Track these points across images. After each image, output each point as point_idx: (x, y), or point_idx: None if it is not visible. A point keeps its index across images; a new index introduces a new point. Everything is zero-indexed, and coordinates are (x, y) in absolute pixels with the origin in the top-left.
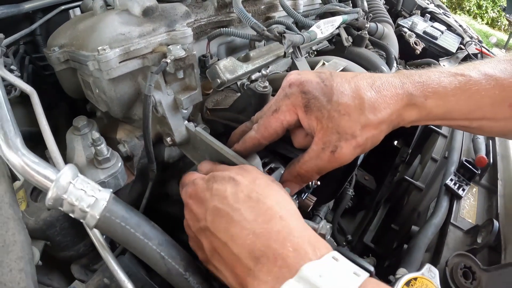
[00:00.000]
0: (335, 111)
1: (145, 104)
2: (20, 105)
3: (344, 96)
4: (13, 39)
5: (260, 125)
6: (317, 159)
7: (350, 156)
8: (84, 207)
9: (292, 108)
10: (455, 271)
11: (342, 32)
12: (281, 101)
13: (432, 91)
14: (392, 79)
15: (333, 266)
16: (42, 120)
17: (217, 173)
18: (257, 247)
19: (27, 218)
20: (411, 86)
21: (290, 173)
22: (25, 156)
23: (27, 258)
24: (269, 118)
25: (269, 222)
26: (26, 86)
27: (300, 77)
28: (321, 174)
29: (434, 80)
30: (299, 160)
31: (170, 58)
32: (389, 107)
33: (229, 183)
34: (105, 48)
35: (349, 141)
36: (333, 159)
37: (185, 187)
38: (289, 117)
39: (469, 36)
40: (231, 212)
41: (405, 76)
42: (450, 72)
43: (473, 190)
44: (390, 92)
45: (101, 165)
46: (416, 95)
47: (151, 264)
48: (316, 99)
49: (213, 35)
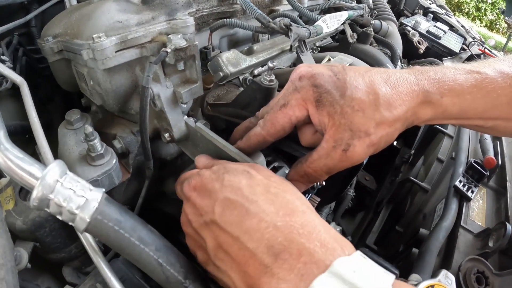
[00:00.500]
0: (348, 107)
1: (143, 97)
2: (12, 98)
3: (358, 91)
4: (6, 28)
5: (267, 121)
6: (327, 158)
7: (363, 155)
8: (72, 209)
9: (302, 103)
10: (469, 276)
11: (347, 28)
12: (290, 95)
13: (448, 88)
14: (406, 75)
15: (364, 263)
16: (31, 112)
17: (228, 165)
18: (278, 241)
19: (15, 218)
20: (426, 83)
21: (297, 172)
22: (8, 151)
23: (9, 265)
24: (277, 113)
25: (291, 215)
26: (16, 76)
27: (311, 70)
28: (330, 174)
29: (449, 77)
30: (307, 158)
31: (170, 48)
32: (404, 104)
33: (243, 175)
34: (101, 36)
35: (362, 139)
36: (345, 158)
37: (187, 180)
38: (299, 112)
39: (472, 36)
40: (246, 203)
41: (420, 73)
42: (466, 69)
43: (481, 192)
44: (406, 89)
45: (94, 161)
46: (432, 92)
47: (148, 271)
48: (328, 93)
49: (215, 26)
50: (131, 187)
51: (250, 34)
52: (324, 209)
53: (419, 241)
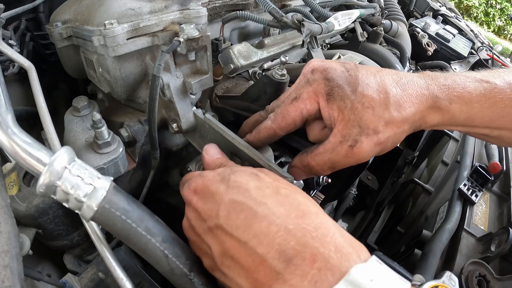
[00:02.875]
0: (359, 103)
1: (153, 86)
2: (18, 83)
3: (370, 89)
4: (15, 12)
5: (278, 114)
6: (333, 152)
7: (369, 153)
8: (80, 197)
9: (314, 96)
10: (470, 279)
11: (358, 26)
12: (302, 88)
13: (457, 95)
14: (417, 79)
15: (381, 271)
16: (39, 97)
17: (234, 167)
18: (290, 245)
19: (18, 204)
20: (436, 88)
21: (301, 161)
22: (15, 135)
23: (13, 252)
24: (288, 106)
25: (303, 217)
26: (24, 60)
27: (324, 64)
28: (333, 170)
29: (459, 84)
30: (313, 150)
31: (183, 37)
32: (413, 106)
33: (251, 177)
34: (113, 23)
35: (370, 137)
36: (351, 154)
37: (187, 182)
38: (310, 105)
39: (480, 41)
40: (255, 206)
41: (430, 78)
42: (476, 77)
43: (485, 196)
44: (416, 92)
45: (100, 149)
46: (441, 97)
47: (153, 262)
48: (340, 88)
49: (228, 17)
50: (136, 176)
51: (261, 28)
52: (327, 207)
53: (421, 242)
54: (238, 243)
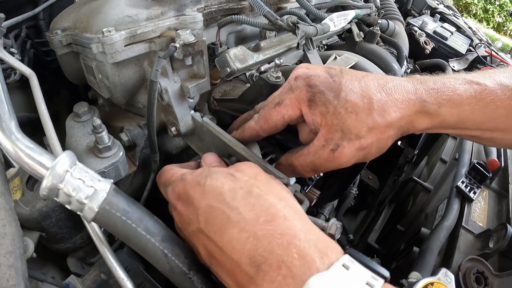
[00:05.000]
0: (341, 107)
1: (151, 91)
2: (20, 90)
3: (353, 94)
4: (15, 21)
5: (261, 117)
6: (315, 155)
7: (350, 158)
8: (81, 199)
9: (295, 103)
10: (468, 275)
11: (354, 27)
12: (285, 94)
13: (446, 98)
14: (405, 83)
15: (343, 278)
16: (41, 104)
17: (212, 168)
18: (258, 252)
19: (22, 208)
20: (424, 92)
21: (286, 160)
22: (19, 141)
23: (17, 252)
24: (271, 110)
25: (271, 222)
26: (26, 68)
27: (308, 71)
28: (316, 173)
29: (449, 87)
30: (298, 151)
31: (179, 43)
32: (399, 111)
33: (226, 178)
34: (111, 30)
35: (352, 142)
36: (332, 158)
37: (171, 186)
38: (291, 112)
39: (479, 38)
40: (228, 211)
41: (419, 82)
42: (465, 79)
43: (483, 193)
44: (402, 96)
45: (101, 154)
46: (430, 102)
47: (153, 261)
48: (322, 94)
49: (223, 22)
50: (136, 179)
51: (257, 31)
52: (327, 206)
53: (420, 240)
54: (217, 247)
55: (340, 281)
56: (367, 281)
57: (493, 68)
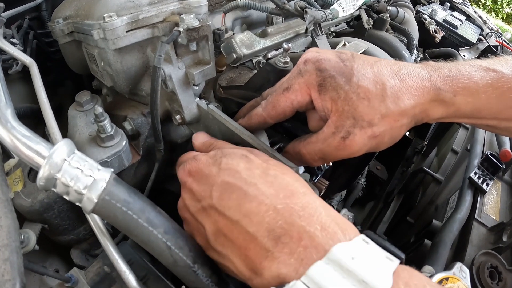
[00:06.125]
0: (353, 93)
1: (154, 77)
2: (23, 81)
3: (365, 79)
4: (16, 11)
5: (268, 103)
6: (324, 143)
7: (362, 146)
8: (80, 189)
9: (305, 88)
10: (482, 270)
11: (363, 14)
12: (294, 79)
13: (462, 86)
14: (419, 70)
15: (365, 249)
16: (41, 93)
17: (226, 149)
18: (278, 224)
19: (23, 200)
20: (439, 79)
21: (293, 148)
22: (14, 129)
23: (13, 246)
24: (279, 96)
25: (291, 197)
26: (26, 57)
27: (318, 55)
28: (324, 162)
29: (464, 75)
30: (306, 138)
31: (183, 28)
32: (413, 99)
33: (242, 158)
34: (112, 16)
35: (364, 129)
36: (342, 147)
37: (183, 164)
38: (300, 97)
39: (489, 27)
40: (245, 186)
41: (433, 69)
42: (481, 66)
43: (496, 185)
44: (416, 83)
45: (104, 143)
46: (445, 90)
47: (156, 254)
48: (332, 78)
49: (229, 7)
50: (141, 169)
51: (264, 17)
52: (335, 197)
53: (431, 233)
54: (230, 222)
55: (363, 251)
56: (386, 255)
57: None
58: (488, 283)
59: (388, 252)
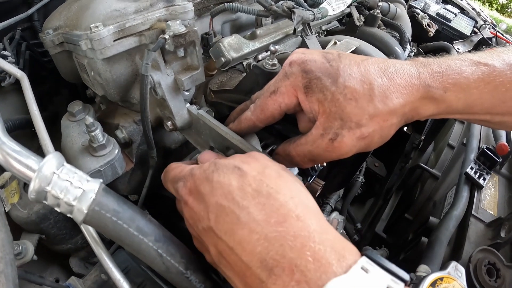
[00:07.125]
0: (340, 94)
1: (142, 85)
2: (17, 92)
3: (352, 79)
4: (8, 23)
5: (257, 107)
6: (313, 145)
7: (351, 147)
8: (70, 200)
9: (291, 90)
10: (479, 267)
11: (354, 11)
12: (280, 82)
13: (452, 82)
14: (407, 67)
15: (363, 282)
16: (32, 106)
17: (218, 161)
18: (269, 255)
19: (20, 211)
20: (428, 76)
21: (283, 149)
22: (4, 145)
23: (7, 258)
24: (266, 99)
25: (283, 223)
26: (16, 70)
27: (304, 56)
28: (314, 163)
29: (455, 70)
30: (295, 140)
31: (169, 34)
32: (402, 97)
33: (234, 174)
34: (98, 26)
35: (352, 130)
36: (331, 148)
37: (182, 181)
38: (288, 100)
39: (483, 19)
40: (237, 210)
41: (423, 65)
42: (472, 60)
43: (493, 179)
44: (405, 81)
45: (96, 152)
46: (434, 86)
47: (148, 262)
48: (318, 80)
49: (216, 10)
50: (135, 176)
51: (253, 19)
52: (333, 196)
53: (428, 230)
54: (227, 247)
55: (360, 286)
56: (387, 285)
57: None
58: (486, 281)
59: (390, 274)
